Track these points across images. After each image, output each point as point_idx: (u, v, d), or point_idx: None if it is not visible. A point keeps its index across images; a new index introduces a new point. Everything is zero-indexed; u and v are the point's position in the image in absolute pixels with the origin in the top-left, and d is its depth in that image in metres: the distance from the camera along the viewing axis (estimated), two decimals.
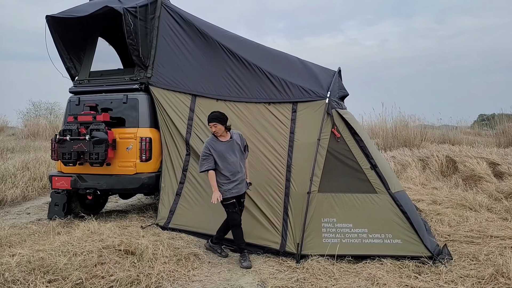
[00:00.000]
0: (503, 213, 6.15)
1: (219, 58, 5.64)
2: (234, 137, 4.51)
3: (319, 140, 4.71)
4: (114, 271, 3.73)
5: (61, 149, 5.62)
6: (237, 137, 4.53)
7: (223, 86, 5.52)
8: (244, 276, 4.04)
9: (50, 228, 5.31)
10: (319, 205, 4.58)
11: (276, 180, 4.88)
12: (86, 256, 3.95)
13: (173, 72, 5.82)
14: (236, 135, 4.56)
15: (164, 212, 5.48)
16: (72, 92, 6.38)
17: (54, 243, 4.32)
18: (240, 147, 4.51)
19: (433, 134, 14.75)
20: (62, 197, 6.05)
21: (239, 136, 4.58)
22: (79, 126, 5.64)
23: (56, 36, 6.24)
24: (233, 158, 4.42)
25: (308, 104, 4.99)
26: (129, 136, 5.77)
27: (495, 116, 16.54)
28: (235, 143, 4.48)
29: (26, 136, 17.08)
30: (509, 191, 7.25)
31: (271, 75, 5.27)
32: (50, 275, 3.56)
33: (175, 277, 3.88)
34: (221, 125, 4.40)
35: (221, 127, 4.41)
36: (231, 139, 4.48)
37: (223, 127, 4.41)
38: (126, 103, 5.87)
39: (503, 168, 8.77)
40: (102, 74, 6.39)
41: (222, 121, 4.40)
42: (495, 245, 4.61)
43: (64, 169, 5.99)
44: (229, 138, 4.48)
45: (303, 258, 4.40)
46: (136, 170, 5.70)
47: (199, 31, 5.84)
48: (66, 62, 6.46)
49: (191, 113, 5.58)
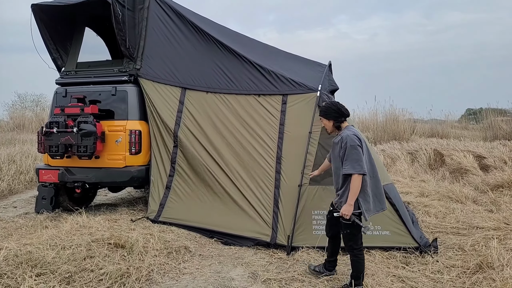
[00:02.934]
0: (488, 205, 6.27)
1: (209, 50, 5.59)
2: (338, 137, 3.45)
3: (310, 133, 4.72)
4: (103, 265, 3.70)
5: (48, 141, 5.52)
6: (338, 139, 3.45)
7: (213, 78, 5.48)
8: (235, 268, 4.05)
9: (37, 222, 5.24)
10: (309, 198, 4.60)
11: (266, 172, 4.89)
12: (75, 249, 3.91)
13: (163, 64, 5.75)
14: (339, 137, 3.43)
15: (154, 205, 5.45)
16: (59, 84, 6.25)
17: (41, 236, 4.27)
18: (339, 152, 3.39)
19: (422, 128, 14.96)
20: (50, 191, 5.96)
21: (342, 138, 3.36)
22: (66, 119, 5.54)
23: (42, 26, 6.09)
24: (333, 167, 3.58)
25: (299, 97, 4.99)
26: (118, 129, 5.69)
27: (482, 110, 16.81)
28: (336, 145, 3.49)
29: (12, 128, 16.77)
30: (494, 184, 7.39)
31: (262, 68, 5.25)
32: (38, 268, 3.51)
33: (166, 270, 3.88)
34: (327, 121, 3.54)
35: (327, 123, 3.55)
36: (338, 138, 3.47)
37: (330, 123, 3.52)
38: (115, 95, 5.78)
39: (489, 161, 8.94)
40: (90, 65, 6.28)
41: (328, 115, 3.51)
42: (480, 236, 4.71)
43: (52, 162, 5.90)
44: (338, 137, 3.50)
45: (294, 250, 4.44)
46: (126, 163, 5.64)
47: (189, 23, 5.77)
48: (52, 53, 6.32)
49: (180, 105, 5.53)
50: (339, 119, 3.46)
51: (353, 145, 3.23)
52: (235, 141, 5.15)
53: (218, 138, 5.24)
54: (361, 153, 3.23)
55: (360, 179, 3.19)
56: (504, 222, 5.15)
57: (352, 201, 3.20)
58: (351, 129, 3.41)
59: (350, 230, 3.32)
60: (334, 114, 3.46)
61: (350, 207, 3.20)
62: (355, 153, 3.21)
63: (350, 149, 3.23)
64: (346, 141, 3.27)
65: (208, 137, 5.28)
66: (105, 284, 3.46)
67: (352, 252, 3.39)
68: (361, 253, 3.39)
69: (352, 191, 3.19)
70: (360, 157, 3.20)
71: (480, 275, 3.64)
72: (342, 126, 3.48)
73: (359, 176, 3.18)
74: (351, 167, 3.19)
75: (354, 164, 3.18)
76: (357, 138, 3.28)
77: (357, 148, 3.22)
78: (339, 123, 3.47)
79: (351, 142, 3.24)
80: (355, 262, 3.40)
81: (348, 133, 3.32)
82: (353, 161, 3.19)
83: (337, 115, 3.45)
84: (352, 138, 3.26)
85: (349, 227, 3.30)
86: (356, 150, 3.22)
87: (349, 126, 3.48)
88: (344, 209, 3.23)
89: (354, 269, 3.42)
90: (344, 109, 3.47)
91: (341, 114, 3.44)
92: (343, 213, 3.23)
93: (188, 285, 3.62)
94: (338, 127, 3.49)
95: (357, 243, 3.37)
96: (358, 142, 3.25)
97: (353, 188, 3.18)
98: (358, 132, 3.40)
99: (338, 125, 3.48)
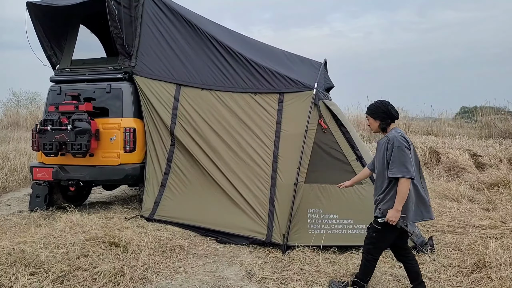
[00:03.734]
0: (484, 204, 6.28)
1: (204, 47, 5.55)
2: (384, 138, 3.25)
3: (306, 131, 4.70)
4: (97, 263, 3.66)
5: (42, 139, 5.47)
6: (383, 140, 3.24)
7: (208, 75, 5.43)
8: (230, 267, 4.02)
9: (31, 220, 5.19)
10: (305, 196, 4.59)
11: (263, 171, 4.87)
12: (69, 248, 3.87)
13: (158, 61, 5.70)
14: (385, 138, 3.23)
15: (149, 203, 5.41)
16: (53, 81, 6.19)
17: (35, 235, 4.22)
18: (383, 154, 3.18)
19: (417, 126, 14.98)
20: (44, 189, 5.91)
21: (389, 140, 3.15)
22: (60, 116, 5.49)
23: (36, 23, 6.04)
24: (377, 170, 3.34)
25: (295, 95, 4.97)
26: (112, 127, 5.64)
27: (477, 108, 16.87)
28: (380, 147, 3.27)
29: (6, 126, 16.61)
30: (490, 182, 7.41)
31: (258, 65, 5.21)
32: (31, 267, 3.48)
33: (160, 269, 3.84)
34: (373, 120, 3.33)
35: (373, 123, 3.34)
36: (383, 140, 3.26)
37: (376, 124, 3.32)
38: (110, 92, 5.73)
39: (484, 160, 8.96)
40: (84, 63, 6.23)
41: (376, 115, 3.30)
42: (477, 235, 4.72)
43: (46, 160, 5.85)
44: (383, 138, 3.29)
45: (289, 248, 4.42)
46: (120, 161, 5.60)
47: (184, 20, 5.72)
48: (47, 50, 6.27)
49: (175, 102, 5.49)
50: (387, 121, 3.26)
51: (400, 147, 3.04)
52: (231, 139, 5.12)
53: (213, 136, 5.20)
54: (409, 155, 3.05)
55: (408, 184, 3.00)
56: (501, 221, 5.16)
57: (399, 207, 3.00)
58: (398, 131, 3.21)
59: (376, 235, 3.19)
60: (382, 114, 3.25)
61: (397, 212, 3.01)
62: (403, 156, 3.02)
63: (397, 151, 3.04)
64: (393, 142, 3.07)
65: (203, 135, 5.25)
66: (99, 283, 3.43)
67: (367, 256, 3.28)
68: (374, 262, 3.29)
69: (400, 196, 3.00)
70: (408, 159, 3.02)
71: (477, 274, 3.64)
72: (389, 128, 3.28)
73: (407, 180, 2.99)
74: (398, 171, 3.01)
75: (401, 167, 3.00)
76: (404, 140, 3.09)
77: (405, 150, 3.04)
78: (386, 125, 3.27)
79: (398, 144, 3.05)
80: (365, 266, 3.31)
81: (395, 134, 3.13)
82: (400, 164, 3.01)
83: (385, 116, 3.24)
84: (399, 139, 3.07)
85: (376, 232, 3.17)
86: (403, 152, 3.03)
87: (396, 128, 3.28)
88: (391, 214, 3.03)
89: (361, 272, 3.34)
90: (393, 111, 3.25)
91: (389, 116, 3.24)
92: (390, 219, 3.03)
93: (182, 284, 3.59)
94: (384, 129, 3.29)
95: (376, 251, 3.26)
96: (406, 144, 3.08)
97: (401, 193, 3.00)
98: (405, 134, 3.22)
99: (384, 127, 3.28)
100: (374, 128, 3.34)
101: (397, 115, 3.28)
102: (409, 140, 3.17)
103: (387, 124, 3.27)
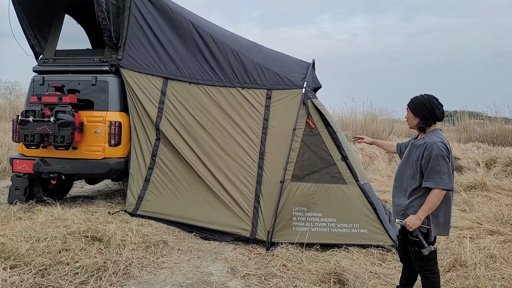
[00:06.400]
0: (462, 205, 6.46)
1: (192, 40, 5.50)
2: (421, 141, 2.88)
3: (294, 130, 4.74)
4: (79, 258, 3.62)
5: (23, 131, 5.34)
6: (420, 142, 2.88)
7: (196, 69, 5.41)
8: (214, 263, 4.04)
9: (10, 213, 5.07)
10: (291, 194, 4.63)
11: (249, 167, 4.88)
12: (50, 242, 3.81)
13: (145, 54, 5.63)
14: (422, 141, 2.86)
15: (133, 198, 5.36)
16: (36, 71, 6.05)
17: (15, 228, 4.13)
18: (418, 159, 2.85)
19: (400, 128, 15.27)
20: (24, 181, 5.77)
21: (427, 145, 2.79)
22: (43, 107, 5.37)
23: (20, 11, 5.89)
24: (400, 169, 3.07)
25: (283, 92, 5.00)
26: (97, 120, 5.56)
27: (457, 112, 17.31)
28: (415, 149, 2.91)
29: None
30: (468, 184, 7.63)
31: (246, 60, 5.21)
32: (11, 260, 3.41)
33: (144, 264, 3.82)
34: (412, 115, 2.94)
35: (412, 119, 2.95)
36: (420, 142, 2.89)
37: (415, 121, 2.93)
38: (95, 85, 5.64)
39: (463, 163, 9.22)
40: (69, 54, 6.11)
41: (417, 112, 2.89)
42: (454, 235, 4.86)
43: (26, 152, 5.71)
44: (420, 140, 2.92)
45: (273, 245, 4.46)
46: (105, 155, 5.52)
47: (173, 12, 5.66)
48: (30, 39, 6.12)
49: (162, 96, 5.44)
50: (428, 121, 2.88)
51: (441, 155, 2.71)
52: (217, 135, 5.11)
53: (200, 131, 5.19)
54: (448, 165, 2.74)
55: (441, 195, 2.73)
56: (477, 222, 5.33)
57: (423, 216, 2.75)
58: (439, 135, 2.85)
59: (418, 248, 2.81)
60: (424, 113, 2.86)
61: (418, 220, 2.75)
62: (442, 165, 2.71)
63: (436, 159, 2.71)
64: (432, 149, 2.73)
65: (190, 130, 5.22)
66: (80, 277, 3.39)
67: (424, 273, 2.90)
68: (435, 276, 2.87)
69: (428, 206, 2.73)
70: (447, 170, 2.72)
71: (453, 273, 3.75)
72: (428, 129, 2.92)
73: (441, 192, 2.71)
74: (434, 182, 2.71)
75: (438, 178, 2.70)
76: (445, 147, 2.75)
77: (445, 159, 2.72)
78: (426, 125, 2.89)
79: (439, 151, 2.72)
80: (427, 286, 2.90)
81: (435, 140, 2.76)
82: (438, 173, 2.70)
83: (428, 116, 2.85)
84: (439, 146, 2.73)
85: (417, 245, 2.81)
86: (444, 161, 2.71)
87: (436, 130, 2.91)
88: (411, 220, 2.77)
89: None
90: (439, 112, 2.84)
91: (432, 117, 2.84)
92: (408, 224, 2.78)
93: (166, 279, 3.58)
94: (422, 129, 2.93)
95: (429, 263, 2.86)
96: (446, 152, 2.75)
97: (430, 203, 2.72)
98: (446, 140, 2.86)
99: (422, 127, 2.91)
100: (411, 124, 2.98)
101: (442, 117, 2.89)
102: (449, 147, 2.84)
103: (427, 124, 2.90)
